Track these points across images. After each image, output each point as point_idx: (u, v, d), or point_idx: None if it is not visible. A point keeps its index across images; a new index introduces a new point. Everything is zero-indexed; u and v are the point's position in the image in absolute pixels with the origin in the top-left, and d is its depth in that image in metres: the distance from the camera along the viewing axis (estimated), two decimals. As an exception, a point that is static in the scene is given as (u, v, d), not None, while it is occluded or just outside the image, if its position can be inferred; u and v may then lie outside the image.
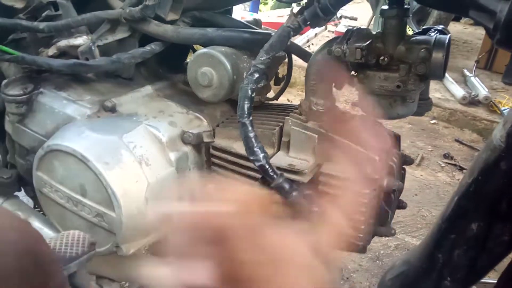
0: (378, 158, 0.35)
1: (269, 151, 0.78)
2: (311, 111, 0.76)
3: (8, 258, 0.42)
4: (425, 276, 0.74)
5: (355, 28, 0.71)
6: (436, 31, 0.70)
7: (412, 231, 1.76)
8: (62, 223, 0.84)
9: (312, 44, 3.66)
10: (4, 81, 0.88)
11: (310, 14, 0.68)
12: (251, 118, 0.70)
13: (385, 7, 0.68)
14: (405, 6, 0.67)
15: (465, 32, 4.46)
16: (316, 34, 3.80)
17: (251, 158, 0.69)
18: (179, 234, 0.37)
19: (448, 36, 0.65)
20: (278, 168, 0.74)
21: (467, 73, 3.09)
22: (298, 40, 3.66)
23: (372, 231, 0.75)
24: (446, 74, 3.07)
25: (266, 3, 5.33)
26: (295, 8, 0.75)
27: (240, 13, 4.06)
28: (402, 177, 0.81)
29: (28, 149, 0.90)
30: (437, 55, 0.62)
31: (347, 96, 2.69)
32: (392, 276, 0.81)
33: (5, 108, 0.91)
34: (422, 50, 0.64)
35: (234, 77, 0.79)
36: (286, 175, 0.72)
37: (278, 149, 0.79)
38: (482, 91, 2.77)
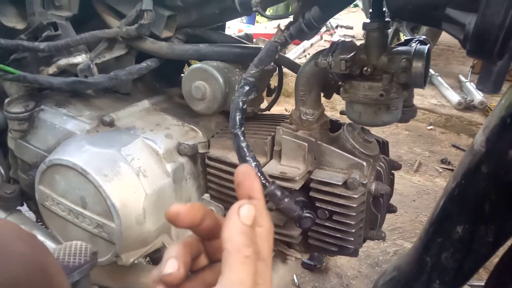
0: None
1: (262, 160, 0.81)
2: (301, 121, 0.79)
3: (16, 268, 0.44)
4: (415, 280, 0.76)
5: (340, 41, 0.74)
6: (417, 42, 0.73)
7: (410, 237, 1.78)
8: (64, 235, 0.87)
9: (309, 54, 3.71)
10: (7, 100, 0.92)
11: (296, 29, 0.71)
12: (243, 128, 0.73)
13: (367, 20, 0.71)
14: (386, 19, 0.70)
15: (460, 38, 4.50)
16: (312, 44, 3.85)
17: (244, 167, 0.72)
18: None
19: (427, 46, 0.68)
20: (271, 176, 0.77)
21: (463, 79, 3.13)
22: (294, 50, 3.72)
23: (363, 235, 0.78)
24: (442, 80, 3.11)
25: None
26: (284, 23, 0.79)
27: (237, 25, 4.11)
28: (390, 182, 0.84)
29: (30, 164, 0.93)
30: (417, 65, 0.65)
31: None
32: (384, 281, 0.83)
33: (7, 125, 0.94)
34: (403, 60, 0.67)
35: (227, 90, 0.83)
36: (279, 182, 0.75)
37: (271, 158, 0.82)
38: (478, 96, 2.80)
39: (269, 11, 0.82)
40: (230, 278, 0.30)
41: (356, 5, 4.85)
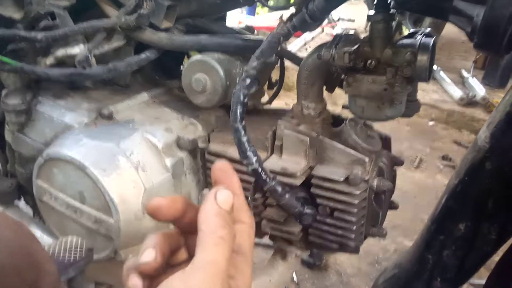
0: None
1: (263, 154, 0.80)
2: (302, 115, 0.78)
3: (2, 255, 0.44)
4: (416, 278, 0.76)
5: (343, 33, 0.73)
6: (422, 35, 0.71)
7: (411, 234, 1.76)
8: (61, 230, 0.86)
9: (310, 46, 3.68)
10: (4, 91, 0.90)
11: (299, 20, 0.70)
12: (243, 122, 0.71)
13: (372, 12, 0.69)
14: (391, 11, 0.68)
15: (463, 32, 4.47)
16: (313, 37, 3.82)
17: (244, 162, 0.71)
18: None
19: (432, 39, 0.67)
20: (272, 171, 0.75)
21: (465, 74, 3.10)
22: (295, 42, 3.69)
23: (364, 232, 0.77)
24: (444, 75, 3.09)
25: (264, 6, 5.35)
26: (286, 13, 0.77)
27: (237, 16, 4.07)
28: (392, 178, 0.83)
29: (28, 157, 0.92)
30: (422, 58, 0.64)
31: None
32: (385, 279, 0.82)
33: (5, 117, 0.93)
34: (408, 53, 0.65)
35: (227, 83, 0.81)
36: (279, 178, 0.74)
37: (272, 153, 0.81)
38: (480, 91, 2.78)
39: (270, 2, 0.80)
40: (203, 258, 0.29)
41: (358, -3, 4.80)
